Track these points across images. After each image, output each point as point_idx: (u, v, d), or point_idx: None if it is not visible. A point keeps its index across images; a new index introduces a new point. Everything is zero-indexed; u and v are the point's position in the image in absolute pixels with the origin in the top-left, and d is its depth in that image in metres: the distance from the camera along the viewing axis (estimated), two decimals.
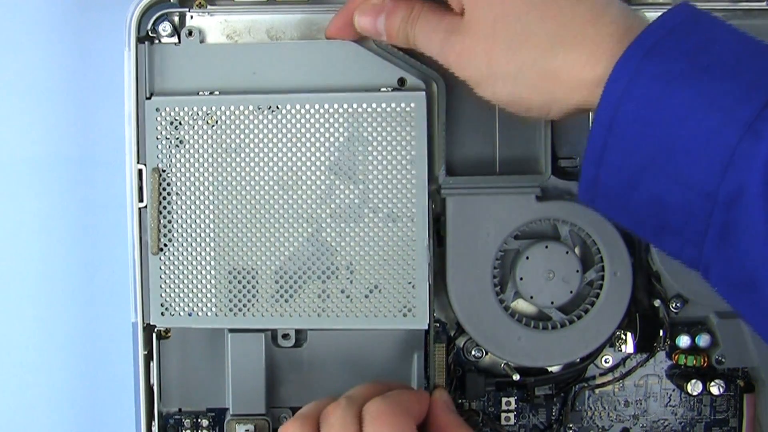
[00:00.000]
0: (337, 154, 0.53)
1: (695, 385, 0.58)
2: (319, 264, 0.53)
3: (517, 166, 0.56)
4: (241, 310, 0.54)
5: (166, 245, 0.54)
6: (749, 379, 0.59)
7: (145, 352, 0.56)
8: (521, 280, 0.56)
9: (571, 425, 0.60)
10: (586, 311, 0.56)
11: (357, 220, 0.53)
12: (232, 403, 0.56)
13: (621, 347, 0.58)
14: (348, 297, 0.53)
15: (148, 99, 0.54)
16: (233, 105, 0.53)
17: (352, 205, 0.53)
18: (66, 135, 0.67)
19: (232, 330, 0.56)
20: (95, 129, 0.67)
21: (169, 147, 0.54)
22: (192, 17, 0.55)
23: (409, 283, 0.53)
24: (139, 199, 0.54)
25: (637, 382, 0.60)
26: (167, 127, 0.54)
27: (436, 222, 0.56)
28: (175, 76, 0.55)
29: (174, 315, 0.54)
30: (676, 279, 0.56)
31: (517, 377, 0.58)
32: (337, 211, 0.53)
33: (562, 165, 0.57)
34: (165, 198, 0.54)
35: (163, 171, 0.54)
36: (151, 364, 0.56)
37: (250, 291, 0.54)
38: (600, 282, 0.56)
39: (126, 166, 0.55)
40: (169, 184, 0.54)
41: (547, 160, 0.55)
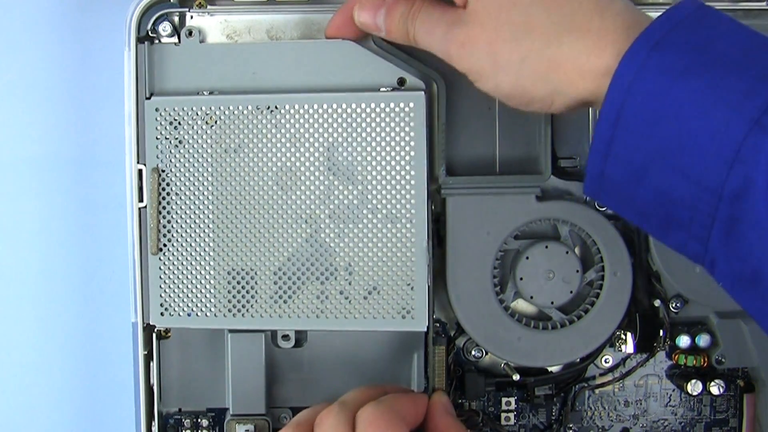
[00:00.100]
0: (336, 154, 0.53)
1: (695, 385, 0.58)
2: (318, 265, 0.53)
3: (517, 166, 0.56)
4: (240, 310, 0.54)
5: (165, 245, 0.54)
6: (749, 379, 0.59)
7: (145, 352, 0.56)
8: (521, 280, 0.56)
9: (571, 425, 0.60)
10: (586, 311, 0.56)
11: (356, 221, 0.53)
12: (232, 403, 0.56)
13: (621, 347, 0.58)
14: (347, 298, 0.53)
15: (147, 99, 0.54)
16: (233, 105, 0.53)
17: (351, 206, 0.53)
18: (66, 135, 0.67)
19: (232, 330, 0.56)
20: (95, 129, 0.67)
21: (169, 147, 0.54)
22: (192, 17, 0.55)
23: (408, 284, 0.53)
24: (139, 199, 0.54)
25: (637, 382, 0.60)
26: (167, 127, 0.54)
27: (436, 222, 0.56)
28: (175, 76, 0.54)
29: (173, 315, 0.54)
30: (676, 279, 0.56)
31: (517, 377, 0.58)
32: (336, 211, 0.53)
33: (562, 165, 0.57)
34: (164, 198, 0.54)
35: (163, 171, 0.54)
36: (151, 364, 0.56)
37: (249, 292, 0.54)
38: (600, 282, 0.56)
39: (126, 166, 0.55)
40: (168, 184, 0.54)
41: (547, 160, 0.55)
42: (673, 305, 0.57)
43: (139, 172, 0.54)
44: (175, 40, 0.55)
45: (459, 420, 0.53)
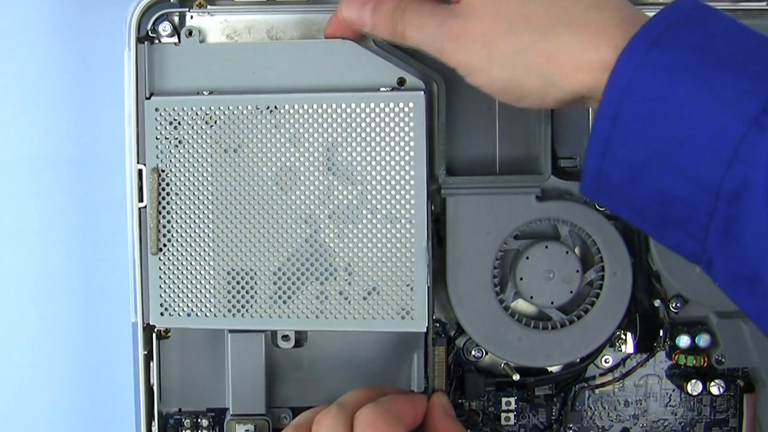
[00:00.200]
0: (336, 154, 0.53)
1: (695, 385, 0.58)
2: (317, 265, 0.53)
3: (517, 166, 0.56)
4: (240, 310, 0.54)
5: (165, 245, 0.54)
6: (749, 379, 0.59)
7: (145, 352, 0.56)
8: (521, 280, 0.56)
9: (571, 425, 0.60)
10: (586, 311, 0.56)
11: (356, 221, 0.53)
12: (232, 403, 0.56)
13: (621, 347, 0.58)
14: (346, 299, 0.53)
15: (147, 99, 0.54)
16: (232, 105, 0.53)
17: (351, 206, 0.53)
18: (66, 135, 0.67)
19: (232, 330, 0.56)
20: (95, 129, 0.67)
21: (169, 147, 0.54)
22: (192, 17, 0.55)
23: (408, 285, 0.53)
24: (139, 199, 0.54)
25: (637, 382, 0.60)
26: (167, 127, 0.54)
27: (436, 222, 0.56)
28: (174, 76, 0.54)
29: (173, 315, 0.54)
30: (676, 279, 0.56)
31: (517, 377, 0.58)
32: (336, 211, 0.53)
33: (562, 165, 0.57)
34: (164, 198, 0.54)
35: (163, 171, 0.54)
36: (151, 364, 0.56)
37: (248, 292, 0.54)
38: (600, 282, 0.56)
39: (126, 166, 0.55)
40: (168, 184, 0.54)
41: (547, 160, 0.55)
42: (673, 305, 0.57)
43: (139, 172, 0.54)
44: (175, 40, 0.55)
45: (458, 421, 0.53)
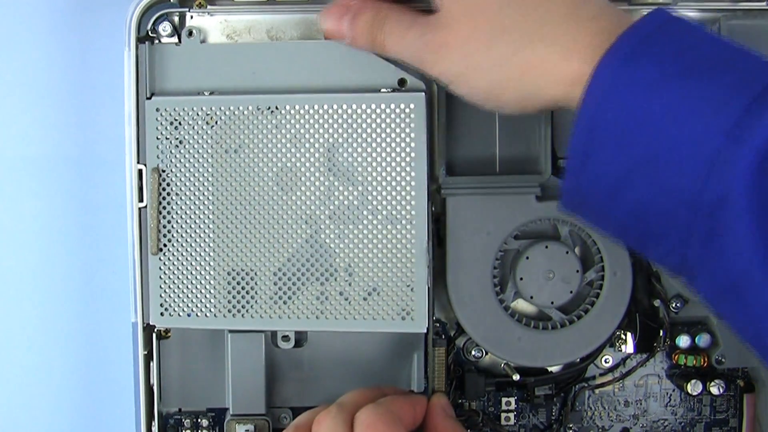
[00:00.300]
0: (337, 155, 0.53)
1: (695, 385, 0.58)
2: (317, 266, 0.53)
3: (517, 166, 0.56)
4: (240, 311, 0.54)
5: (165, 245, 0.54)
6: (749, 379, 0.59)
7: (145, 352, 0.56)
8: (521, 280, 0.56)
9: (571, 425, 0.60)
10: (586, 311, 0.56)
11: (356, 222, 0.53)
12: (232, 403, 0.56)
13: (621, 347, 0.58)
14: (347, 299, 0.53)
15: (148, 99, 0.54)
16: (233, 105, 0.53)
17: (351, 207, 0.53)
18: (66, 135, 0.67)
19: (232, 330, 0.56)
20: (95, 129, 0.67)
21: (169, 147, 0.54)
22: (192, 17, 0.55)
23: (408, 286, 0.53)
24: (139, 199, 0.54)
25: (637, 382, 0.60)
26: (167, 128, 0.54)
27: (436, 222, 0.56)
28: (175, 76, 0.54)
29: (173, 315, 0.54)
30: (676, 279, 0.56)
31: (517, 377, 0.58)
32: (336, 212, 0.53)
33: (562, 165, 0.57)
34: (165, 198, 0.54)
35: (163, 171, 0.54)
36: (151, 364, 0.56)
37: (248, 292, 0.54)
38: (600, 282, 0.56)
39: (126, 166, 0.55)
40: (168, 185, 0.54)
41: (547, 160, 0.55)
42: (673, 305, 0.57)
43: (139, 172, 0.54)
44: (175, 40, 0.55)
45: (458, 421, 0.53)
